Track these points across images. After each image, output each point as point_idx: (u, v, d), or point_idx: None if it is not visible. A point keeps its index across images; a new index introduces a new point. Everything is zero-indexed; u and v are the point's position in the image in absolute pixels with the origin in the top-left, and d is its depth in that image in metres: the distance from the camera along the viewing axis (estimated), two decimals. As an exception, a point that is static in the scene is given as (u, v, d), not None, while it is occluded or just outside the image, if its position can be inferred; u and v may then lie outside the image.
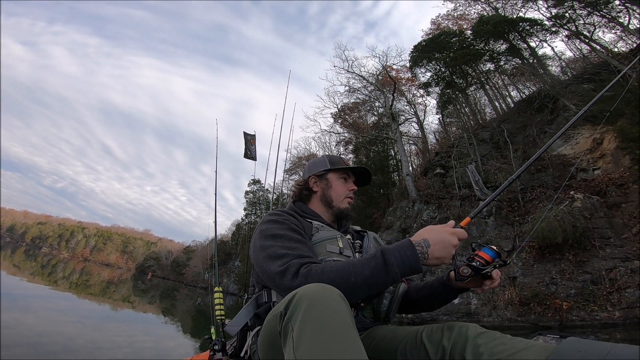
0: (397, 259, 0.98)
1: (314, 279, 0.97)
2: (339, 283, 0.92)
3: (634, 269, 8.87)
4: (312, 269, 1.00)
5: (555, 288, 9.59)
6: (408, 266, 0.98)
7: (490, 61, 20.32)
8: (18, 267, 26.65)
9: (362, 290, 0.98)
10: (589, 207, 10.36)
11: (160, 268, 62.85)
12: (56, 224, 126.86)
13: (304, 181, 1.52)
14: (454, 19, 27.21)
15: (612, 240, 9.63)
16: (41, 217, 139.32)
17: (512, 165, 13.40)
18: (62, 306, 10.78)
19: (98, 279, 30.82)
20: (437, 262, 1.01)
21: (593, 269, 9.32)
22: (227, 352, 1.68)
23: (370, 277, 0.97)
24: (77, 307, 11.42)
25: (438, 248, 1.00)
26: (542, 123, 14.76)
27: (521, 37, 18.92)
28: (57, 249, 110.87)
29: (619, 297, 8.60)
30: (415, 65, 21.53)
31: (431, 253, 1.00)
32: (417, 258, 0.98)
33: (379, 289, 1.03)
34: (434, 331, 1.00)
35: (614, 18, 16.06)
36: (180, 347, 7.52)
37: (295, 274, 1.01)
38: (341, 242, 1.28)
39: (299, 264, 1.03)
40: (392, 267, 0.97)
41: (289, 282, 1.00)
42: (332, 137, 26.72)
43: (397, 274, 0.97)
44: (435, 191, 15.07)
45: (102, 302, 14.16)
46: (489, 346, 0.87)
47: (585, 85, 14.56)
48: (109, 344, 6.30)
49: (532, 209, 11.55)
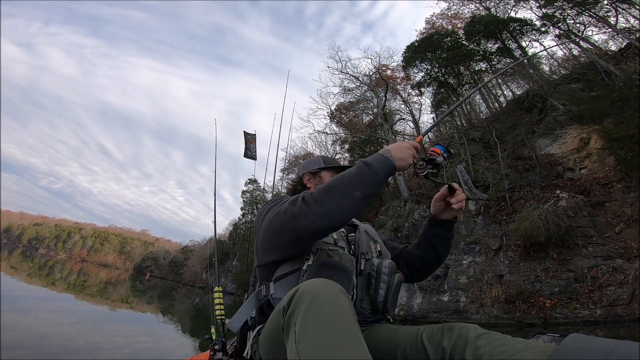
0: (373, 159, 1.14)
1: (317, 195, 1.08)
2: (337, 190, 1.07)
3: (616, 267, 9.09)
4: (312, 193, 1.10)
5: (540, 286, 9.80)
6: (383, 162, 1.13)
7: (482, 61, 20.50)
8: (15, 268, 26.64)
9: (358, 188, 1.08)
10: (573, 206, 10.56)
11: (158, 268, 62.74)
12: (52, 225, 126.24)
13: (299, 178, 1.63)
14: (448, 18, 27.39)
15: (594, 239, 9.85)
16: (37, 218, 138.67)
17: (500, 165, 13.62)
18: (61, 307, 10.88)
19: (96, 280, 30.86)
20: (402, 162, 1.17)
21: (576, 267, 9.53)
22: (227, 352, 1.69)
23: (358, 176, 1.09)
24: (76, 308, 11.52)
25: (396, 149, 1.18)
26: (530, 123, 14.94)
27: (512, 37, 19.14)
28: (54, 250, 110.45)
29: (600, 295, 8.83)
30: (409, 65, 21.70)
31: (394, 154, 1.16)
32: (385, 156, 1.15)
33: (372, 187, 1.10)
34: (434, 332, 1.02)
35: (603, 18, 16.26)
36: (180, 347, 7.58)
37: (301, 199, 1.11)
38: (335, 234, 1.31)
39: (301, 196, 1.12)
40: (372, 165, 1.11)
41: (298, 207, 1.10)
42: (328, 137, 26.86)
43: (377, 168, 1.10)
44: (427, 190, 15.20)
45: (100, 303, 14.30)
46: (489, 347, 0.89)
47: (573, 85, 14.75)
48: (109, 344, 6.41)
49: (519, 208, 11.72)
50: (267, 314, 1.16)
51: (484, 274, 11.10)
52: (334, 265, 1.17)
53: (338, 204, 1.05)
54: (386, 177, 1.12)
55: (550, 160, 13.30)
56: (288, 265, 1.21)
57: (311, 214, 1.06)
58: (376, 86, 22.73)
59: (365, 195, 1.08)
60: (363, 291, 1.26)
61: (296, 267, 1.19)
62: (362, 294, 1.26)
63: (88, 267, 61.16)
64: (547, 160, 13.33)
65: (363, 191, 1.07)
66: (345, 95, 24.36)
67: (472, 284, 11.16)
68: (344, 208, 1.05)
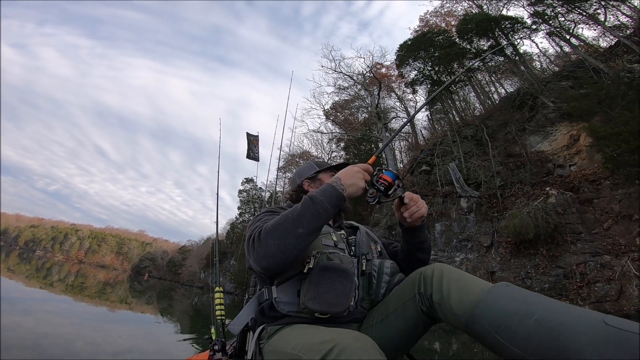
0: (320, 191, 1.15)
1: (263, 235, 1.09)
2: (280, 229, 1.07)
3: (604, 263, 9.19)
4: (262, 230, 1.11)
5: (530, 282, 9.94)
6: (328, 193, 1.14)
7: (475, 58, 20.62)
8: (13, 270, 26.56)
9: (301, 225, 1.08)
10: (562, 203, 10.68)
11: (156, 268, 62.86)
12: (49, 227, 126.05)
13: (298, 185, 1.64)
14: (442, 16, 27.54)
15: (582, 236, 9.98)
16: (34, 220, 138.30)
17: (492, 162, 13.80)
18: (61, 308, 10.92)
19: (94, 281, 30.84)
20: (352, 188, 1.17)
21: (565, 264, 9.66)
22: (227, 353, 1.68)
23: (302, 213, 1.10)
24: (76, 309, 11.56)
25: (345, 176, 1.19)
26: (521, 120, 15.09)
27: (504, 35, 19.29)
28: (51, 252, 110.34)
29: (589, 291, 8.93)
30: (402, 64, 21.82)
31: (343, 181, 1.17)
32: (333, 186, 1.16)
33: (317, 221, 1.10)
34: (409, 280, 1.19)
35: (592, 15, 16.43)
36: (180, 346, 7.67)
37: (257, 233, 1.12)
38: (335, 237, 1.33)
39: (258, 229, 1.13)
40: (316, 199, 1.11)
41: (249, 244, 1.14)
42: (324, 135, 26.99)
43: (322, 201, 1.11)
44: (420, 189, 15.36)
45: (99, 304, 14.38)
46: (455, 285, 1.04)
47: (563, 83, 14.90)
48: (110, 345, 6.51)
49: (510, 205, 11.86)
50: (268, 315, 1.21)
51: (476, 270, 11.24)
52: (335, 267, 1.18)
53: (282, 243, 1.06)
54: (333, 207, 1.13)
55: (540, 158, 13.41)
56: (289, 268, 1.19)
57: (255, 254, 1.10)
58: (370, 85, 22.85)
59: (310, 231, 1.08)
60: (364, 291, 1.29)
61: (298, 271, 1.20)
62: (363, 293, 1.29)
63: (86, 268, 60.91)
64: (537, 158, 13.44)
65: (307, 227, 1.07)
66: (340, 94, 24.51)
67: (465, 280, 11.25)
68: (288, 246, 1.06)
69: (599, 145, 10.57)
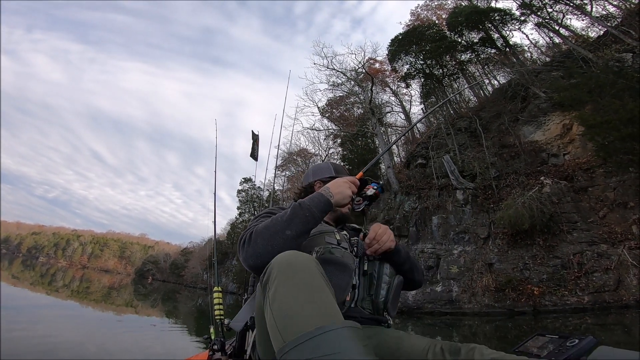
0: (308, 198, 1.21)
1: (254, 235, 1.13)
2: (270, 231, 1.12)
3: (600, 252, 9.21)
4: (254, 231, 1.15)
5: (528, 273, 9.96)
6: (316, 200, 1.19)
7: (467, 51, 20.76)
8: (17, 277, 26.65)
9: (289, 227, 1.12)
10: (557, 192, 10.78)
11: (159, 271, 62.92)
12: (50, 233, 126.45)
13: (310, 184, 1.66)
14: (433, 9, 27.62)
15: (578, 225, 10.04)
16: (34, 227, 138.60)
17: (486, 153, 13.96)
18: (69, 314, 11.07)
19: (99, 285, 30.95)
20: (339, 196, 1.23)
21: (562, 254, 9.68)
22: (226, 352, 1.69)
23: (291, 216, 1.14)
24: (83, 314, 11.70)
25: (333, 185, 1.25)
26: (514, 111, 15.23)
27: (494, 27, 19.42)
28: (54, 258, 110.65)
29: (587, 281, 8.94)
30: (394, 58, 21.92)
31: (331, 190, 1.23)
32: (321, 193, 1.22)
33: (304, 225, 1.14)
34: (438, 352, 1.04)
35: (579, 6, 16.54)
36: (179, 346, 7.79)
37: (249, 234, 1.16)
38: (338, 236, 1.34)
39: (250, 230, 1.18)
40: (304, 204, 1.17)
41: (241, 243, 1.17)
42: (320, 132, 27.08)
43: (309, 206, 1.16)
44: (416, 182, 15.47)
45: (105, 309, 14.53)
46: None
47: (554, 73, 15.01)
48: (118, 348, 6.65)
49: (506, 196, 11.93)
50: None
51: (474, 262, 11.29)
52: (335, 261, 1.21)
53: (270, 244, 1.10)
54: (320, 212, 1.18)
55: (534, 147, 13.55)
56: None
57: (244, 252, 1.14)
58: (363, 80, 22.95)
59: (297, 234, 1.12)
60: (365, 291, 1.29)
61: None
62: (364, 293, 1.29)
63: (90, 273, 61.04)
64: (531, 147, 13.58)
65: (295, 230, 1.12)
66: (334, 90, 24.58)
67: (463, 273, 11.33)
68: (275, 247, 1.09)
69: (590, 133, 10.70)
